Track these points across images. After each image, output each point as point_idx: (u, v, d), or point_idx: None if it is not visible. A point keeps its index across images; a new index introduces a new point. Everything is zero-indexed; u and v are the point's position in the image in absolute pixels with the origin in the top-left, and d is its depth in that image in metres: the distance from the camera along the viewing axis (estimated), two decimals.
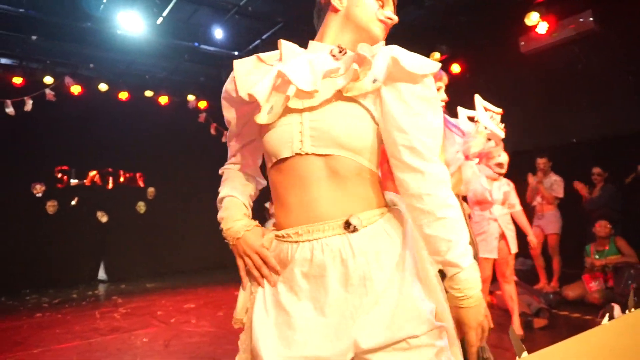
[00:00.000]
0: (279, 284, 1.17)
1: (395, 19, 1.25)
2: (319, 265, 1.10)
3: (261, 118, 1.18)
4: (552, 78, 6.38)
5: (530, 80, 6.56)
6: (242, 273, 1.26)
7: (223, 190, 1.38)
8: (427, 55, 6.42)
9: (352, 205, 1.13)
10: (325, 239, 1.11)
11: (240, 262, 1.27)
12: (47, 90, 7.65)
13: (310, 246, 1.12)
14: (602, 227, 4.82)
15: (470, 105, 2.62)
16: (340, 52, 1.17)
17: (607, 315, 3.84)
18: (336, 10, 1.22)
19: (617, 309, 4.23)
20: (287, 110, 1.16)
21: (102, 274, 8.70)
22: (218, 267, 9.57)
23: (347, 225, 1.10)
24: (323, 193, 1.13)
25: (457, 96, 7.84)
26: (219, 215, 1.34)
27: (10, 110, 7.42)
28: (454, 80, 7.38)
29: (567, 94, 6.31)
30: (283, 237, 1.19)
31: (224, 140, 6.77)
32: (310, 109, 1.14)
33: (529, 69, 6.53)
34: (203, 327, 4.65)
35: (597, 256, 4.82)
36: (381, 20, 1.22)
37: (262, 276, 1.20)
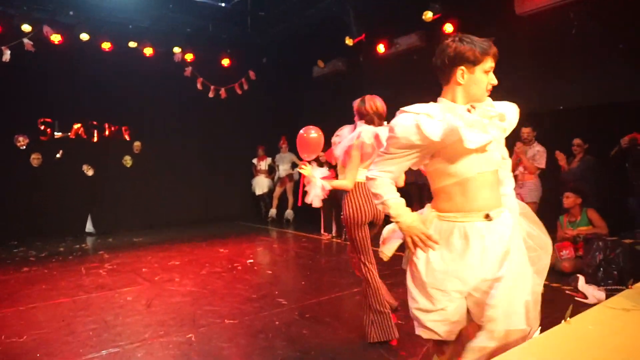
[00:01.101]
0: (439, 248, 1.79)
1: (496, 83, 1.81)
2: (466, 237, 1.74)
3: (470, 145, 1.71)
4: (544, 43, 6.25)
5: (522, 44, 6.42)
6: (411, 246, 1.82)
7: (387, 193, 1.86)
8: (420, 14, 6.23)
9: (496, 202, 1.81)
10: (473, 222, 1.75)
11: (409, 239, 1.83)
12: (26, 40, 7.38)
13: (463, 226, 1.75)
14: (566, 199, 4.92)
15: None
16: (473, 108, 1.80)
17: (572, 284, 3.97)
18: (459, 84, 1.80)
19: (581, 279, 4.40)
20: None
21: (89, 227, 8.79)
22: (202, 222, 9.74)
23: (487, 216, 1.75)
24: (484, 194, 1.77)
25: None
26: (394, 212, 1.84)
27: None
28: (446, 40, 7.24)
29: (557, 59, 6.21)
30: (446, 218, 1.80)
31: (210, 95, 6.81)
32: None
33: (522, 32, 6.37)
34: (185, 287, 4.79)
35: (569, 226, 4.95)
36: (488, 90, 1.81)
37: (426, 246, 1.79)
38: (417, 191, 6.32)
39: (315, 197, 3.26)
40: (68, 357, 3.05)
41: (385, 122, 3.18)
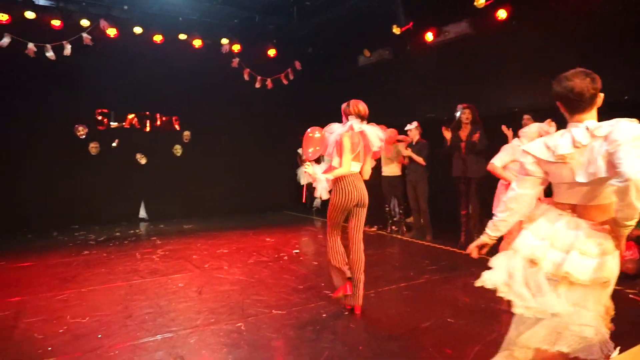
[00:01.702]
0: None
1: None
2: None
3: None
4: (603, 29, 5.84)
5: (580, 30, 6.05)
6: None
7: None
8: (471, 0, 5.94)
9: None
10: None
11: None
12: (84, 35, 7.73)
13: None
14: None
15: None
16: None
17: (637, 288, 3.77)
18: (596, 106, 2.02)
19: None
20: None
21: (142, 213, 9.20)
22: (248, 210, 9.95)
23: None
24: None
25: (503, 46, 7.36)
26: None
27: (50, 54, 7.59)
28: (499, 28, 6.93)
29: (618, 49, 5.80)
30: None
31: (257, 86, 6.94)
32: None
33: (580, 19, 5.99)
34: (234, 275, 4.92)
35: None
36: None
37: None
38: (464, 186, 6.14)
39: (322, 190, 3.60)
40: (126, 340, 3.21)
41: (365, 122, 3.70)
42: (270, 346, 3.13)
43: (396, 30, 8.19)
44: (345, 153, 3.54)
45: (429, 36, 8.01)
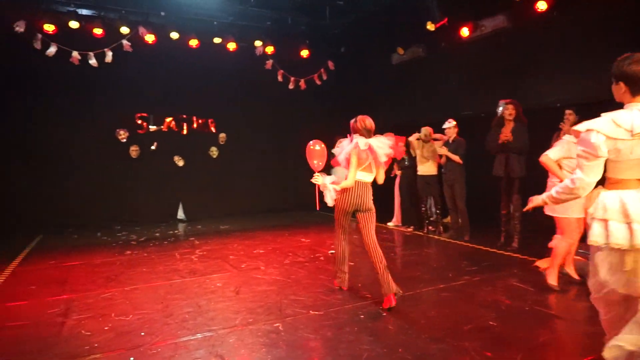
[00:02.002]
0: None
1: None
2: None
3: None
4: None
5: (625, 20, 5.74)
6: None
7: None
8: None
9: None
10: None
11: None
12: (124, 41, 7.99)
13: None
14: None
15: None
16: None
17: None
18: None
19: None
20: None
21: (180, 214, 9.43)
22: (283, 211, 10.02)
23: None
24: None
25: (544, 39, 7.11)
26: None
27: (93, 62, 7.90)
28: (538, 20, 6.68)
29: None
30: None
31: (290, 87, 7.03)
32: None
33: (625, 8, 5.69)
34: (271, 275, 4.96)
35: None
36: None
37: None
38: (506, 185, 5.94)
39: (330, 198, 4.07)
40: (168, 338, 3.29)
41: (372, 135, 4.02)
42: (309, 347, 3.12)
43: (430, 26, 8.05)
44: (351, 169, 3.96)
45: (465, 31, 7.83)
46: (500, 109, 5.94)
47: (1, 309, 4.05)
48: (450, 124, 6.73)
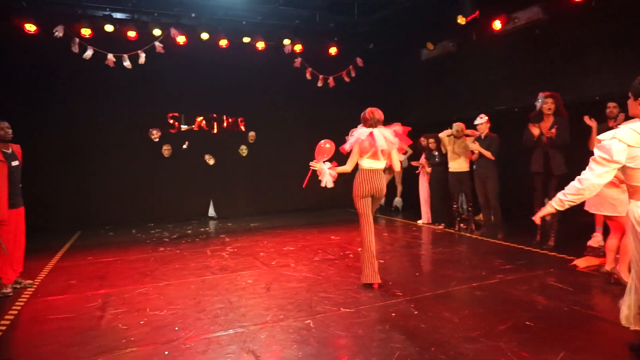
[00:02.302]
0: None
1: None
2: None
3: None
4: None
5: None
6: None
7: None
8: None
9: None
10: None
11: None
12: (157, 43, 8.18)
13: None
14: None
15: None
16: None
17: None
18: None
19: None
20: None
21: (211, 212, 9.59)
22: (312, 208, 10.03)
23: None
24: None
25: (581, 30, 6.85)
26: None
27: (127, 63, 8.12)
28: (576, 10, 6.44)
29: None
30: None
31: (319, 84, 7.11)
32: None
33: None
34: (301, 272, 4.97)
35: None
36: None
37: None
38: (543, 182, 5.75)
39: (327, 181, 4.54)
40: (201, 333, 3.34)
41: (380, 125, 4.33)
42: (340, 344, 3.11)
43: (461, 20, 7.89)
44: (351, 156, 4.36)
45: (497, 24, 7.64)
46: (539, 102, 5.66)
47: (44, 302, 4.22)
48: (482, 120, 6.57)
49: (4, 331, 3.52)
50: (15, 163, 4.51)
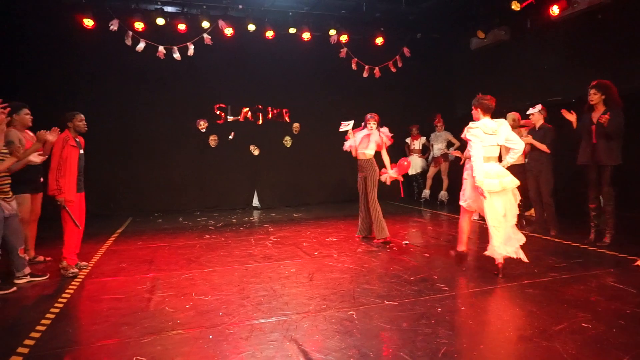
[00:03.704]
0: None
1: None
2: None
3: None
4: None
5: None
6: None
7: None
8: None
9: None
10: None
11: None
12: (205, 35, 8.33)
13: None
14: None
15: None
16: None
17: None
18: None
19: None
20: None
21: (256, 202, 9.72)
22: (355, 200, 9.86)
23: None
24: None
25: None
26: None
27: (177, 55, 8.33)
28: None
29: None
30: None
31: (365, 75, 7.04)
32: None
33: None
34: (344, 263, 4.93)
35: None
36: None
37: None
38: (594, 174, 5.38)
39: (387, 177, 6.17)
40: (244, 319, 3.37)
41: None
42: (383, 337, 3.04)
43: (515, 6, 7.52)
44: (383, 151, 6.30)
45: (555, 10, 7.23)
46: (535, 110, 6.09)
47: (98, 282, 4.42)
48: (535, 109, 6.22)
49: (61, 308, 3.70)
50: (81, 152, 4.88)
